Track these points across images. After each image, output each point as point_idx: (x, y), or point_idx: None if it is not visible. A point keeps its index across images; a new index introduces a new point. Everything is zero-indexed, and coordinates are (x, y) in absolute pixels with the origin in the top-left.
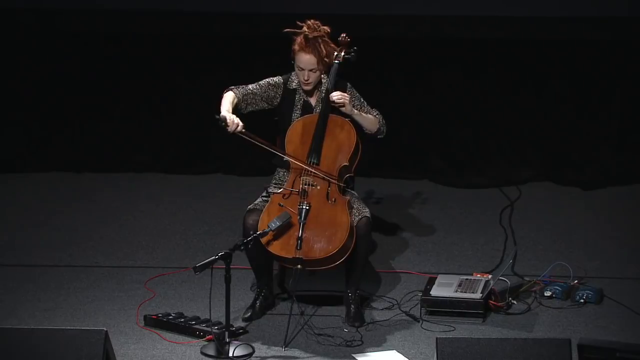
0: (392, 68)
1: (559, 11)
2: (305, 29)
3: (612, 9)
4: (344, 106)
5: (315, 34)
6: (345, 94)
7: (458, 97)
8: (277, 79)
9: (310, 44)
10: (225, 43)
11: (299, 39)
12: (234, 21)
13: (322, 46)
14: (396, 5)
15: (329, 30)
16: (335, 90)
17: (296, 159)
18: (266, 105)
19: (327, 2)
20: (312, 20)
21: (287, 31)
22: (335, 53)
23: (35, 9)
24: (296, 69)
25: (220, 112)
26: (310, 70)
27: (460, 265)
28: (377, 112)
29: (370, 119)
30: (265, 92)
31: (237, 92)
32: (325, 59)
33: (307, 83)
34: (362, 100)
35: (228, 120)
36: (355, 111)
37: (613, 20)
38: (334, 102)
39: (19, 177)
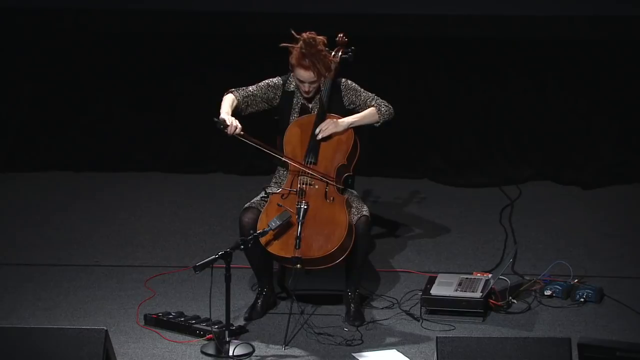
0: (392, 68)
1: (559, 10)
2: (301, 43)
3: (612, 8)
4: (335, 131)
5: (312, 50)
6: (326, 122)
7: (458, 97)
8: (277, 80)
9: (307, 61)
10: (225, 43)
11: (296, 53)
12: (235, 21)
13: (319, 64)
14: (396, 5)
15: (325, 41)
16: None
17: (293, 160)
18: (266, 105)
19: (328, 2)
20: (307, 34)
21: (283, 46)
22: (333, 53)
23: (36, 9)
24: (295, 80)
25: (219, 115)
26: (310, 82)
27: (460, 264)
28: (373, 98)
29: (368, 115)
30: (264, 93)
31: (237, 94)
32: (325, 75)
33: (308, 93)
34: (358, 90)
35: (227, 122)
36: (350, 120)
37: (613, 20)
38: (323, 138)
39: (19, 177)
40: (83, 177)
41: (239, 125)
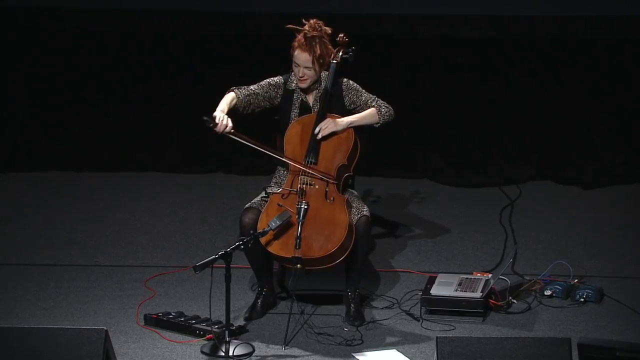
0: (392, 68)
1: (559, 10)
2: (306, 27)
3: (612, 8)
4: (334, 131)
5: (315, 33)
6: (325, 122)
7: (458, 97)
8: (278, 79)
9: (307, 43)
10: (225, 43)
11: (299, 36)
12: (235, 21)
13: (318, 47)
14: (396, 5)
15: (329, 32)
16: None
17: (292, 160)
18: (268, 104)
19: (328, 2)
20: (314, 20)
21: (289, 27)
22: (332, 54)
23: (36, 8)
24: (293, 65)
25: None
26: (305, 67)
27: (461, 264)
28: (374, 99)
29: (368, 116)
30: (266, 92)
31: (239, 92)
32: (320, 60)
33: (302, 80)
34: (359, 91)
35: (217, 120)
36: (349, 120)
37: (613, 20)
38: (323, 136)
39: (19, 177)
40: (83, 177)
41: (230, 124)
